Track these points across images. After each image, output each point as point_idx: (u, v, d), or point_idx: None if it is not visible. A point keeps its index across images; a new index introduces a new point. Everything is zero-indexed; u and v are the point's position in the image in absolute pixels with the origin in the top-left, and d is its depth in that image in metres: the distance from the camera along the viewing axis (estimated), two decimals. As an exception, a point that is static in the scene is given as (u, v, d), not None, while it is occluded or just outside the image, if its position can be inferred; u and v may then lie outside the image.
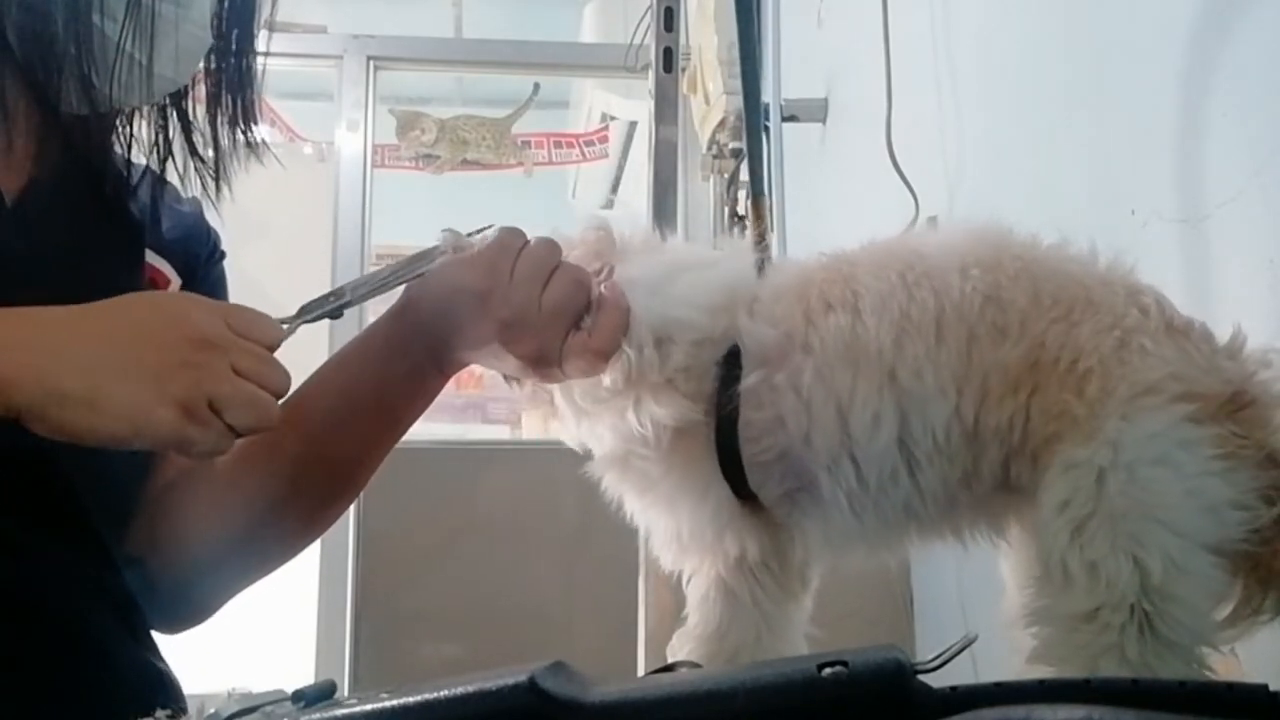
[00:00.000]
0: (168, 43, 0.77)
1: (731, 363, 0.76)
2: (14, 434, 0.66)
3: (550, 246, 0.78)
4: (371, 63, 2.85)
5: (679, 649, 0.82)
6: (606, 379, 0.77)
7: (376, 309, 0.88)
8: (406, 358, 0.82)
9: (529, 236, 0.79)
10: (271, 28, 0.88)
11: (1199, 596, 0.64)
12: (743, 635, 0.80)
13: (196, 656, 0.93)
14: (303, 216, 2.94)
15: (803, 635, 0.83)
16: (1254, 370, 0.68)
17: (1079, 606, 0.64)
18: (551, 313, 0.75)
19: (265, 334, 0.72)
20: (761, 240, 0.84)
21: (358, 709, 0.46)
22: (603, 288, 0.77)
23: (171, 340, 0.69)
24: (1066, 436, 0.67)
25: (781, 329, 0.75)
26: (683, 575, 0.84)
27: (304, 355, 0.81)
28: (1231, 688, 0.43)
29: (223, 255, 0.98)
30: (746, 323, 0.76)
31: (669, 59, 1.54)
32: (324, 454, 0.85)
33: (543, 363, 0.77)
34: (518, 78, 3.30)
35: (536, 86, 3.30)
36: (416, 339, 0.81)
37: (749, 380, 0.75)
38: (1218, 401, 0.66)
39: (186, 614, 0.90)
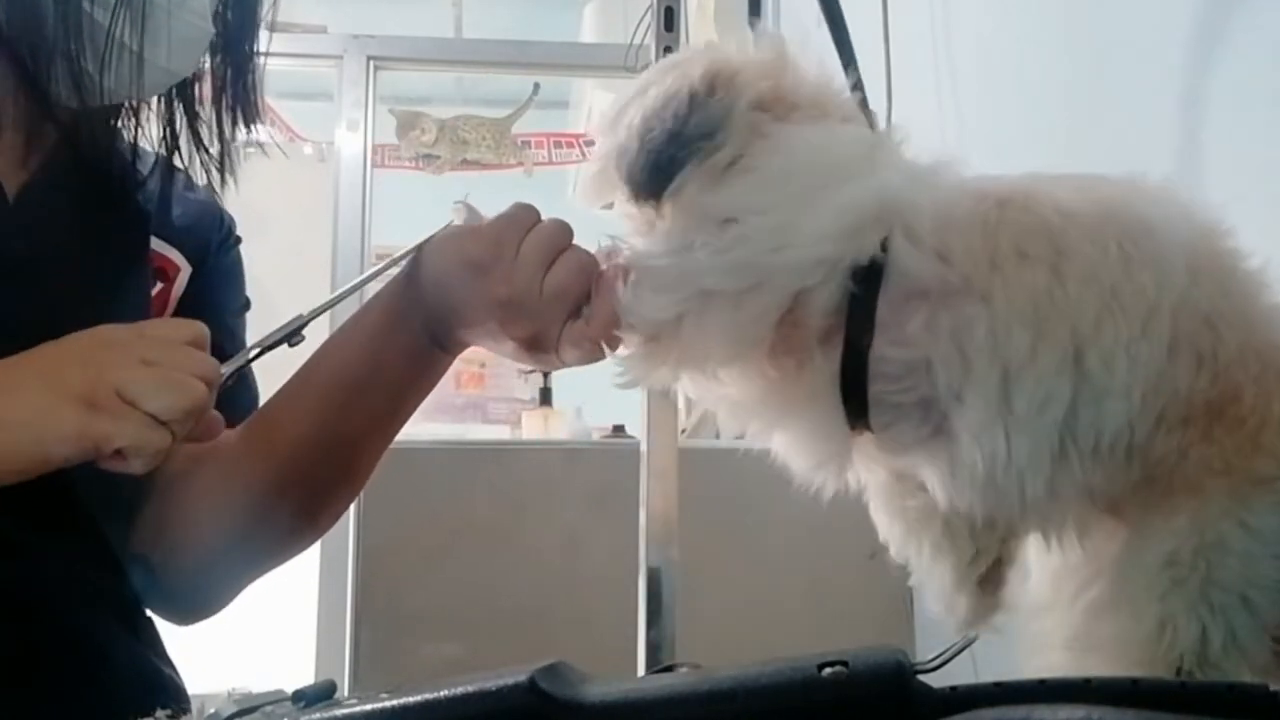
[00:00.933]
0: (162, 33, 0.76)
1: (870, 283, 0.66)
2: None
3: (561, 227, 0.74)
4: (371, 63, 2.84)
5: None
6: (617, 358, 0.72)
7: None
8: (405, 329, 0.79)
9: (542, 215, 0.76)
10: (273, 26, 0.87)
11: (1241, 670, 0.63)
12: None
13: (196, 656, 0.93)
14: (303, 216, 2.94)
15: None
16: None
17: (1139, 654, 0.64)
18: (551, 297, 0.72)
19: (182, 331, 0.71)
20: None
21: (358, 709, 0.46)
22: (605, 271, 0.73)
23: (69, 348, 0.68)
24: (1213, 499, 0.64)
25: (957, 269, 0.65)
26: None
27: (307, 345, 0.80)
28: (1231, 688, 0.43)
29: (237, 240, 0.97)
30: (904, 245, 0.65)
31: (669, 59, 1.54)
32: (325, 436, 0.83)
33: (538, 348, 0.74)
34: (518, 78, 3.30)
35: (536, 86, 3.30)
36: (415, 310, 0.79)
37: (905, 317, 0.65)
38: None
39: (196, 606, 0.89)
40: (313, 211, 2.86)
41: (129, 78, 0.76)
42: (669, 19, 1.52)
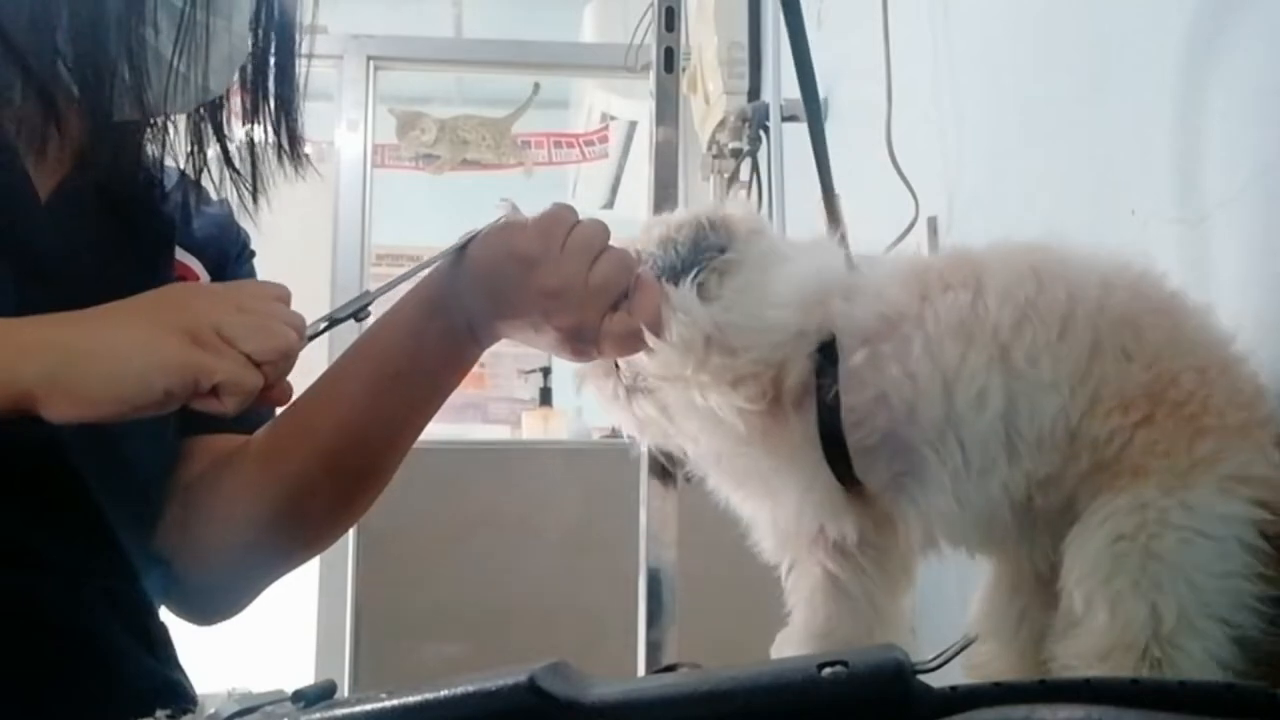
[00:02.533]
0: (213, 55, 0.79)
1: (828, 351, 0.75)
2: (28, 438, 0.66)
3: (601, 226, 0.79)
4: (371, 63, 2.85)
5: (781, 648, 0.82)
6: (651, 366, 0.77)
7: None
8: (444, 318, 0.82)
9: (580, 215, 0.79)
10: (312, 34, 0.88)
11: (1206, 656, 0.65)
12: (854, 629, 0.79)
13: (197, 656, 0.93)
14: (303, 216, 2.94)
15: (910, 630, 0.82)
16: None
17: (1097, 645, 0.66)
18: (597, 289, 0.76)
19: (270, 289, 0.73)
20: (842, 239, 0.86)
21: (358, 709, 0.46)
22: (642, 271, 0.78)
23: (166, 294, 0.71)
24: (1154, 476, 0.68)
25: (893, 309, 0.74)
26: (783, 571, 0.84)
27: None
28: (1231, 688, 0.43)
29: (252, 254, 0.98)
30: (844, 307, 0.75)
31: (669, 59, 1.54)
32: (364, 423, 0.85)
33: (579, 339, 0.77)
34: (518, 78, 3.30)
35: (536, 86, 3.30)
36: (456, 301, 0.81)
37: (854, 359, 0.74)
38: None
39: (221, 607, 0.91)
40: (313, 212, 2.86)
41: (179, 97, 0.79)
42: (669, 19, 1.52)
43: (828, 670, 0.43)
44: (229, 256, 0.95)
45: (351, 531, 1.85)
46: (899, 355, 0.72)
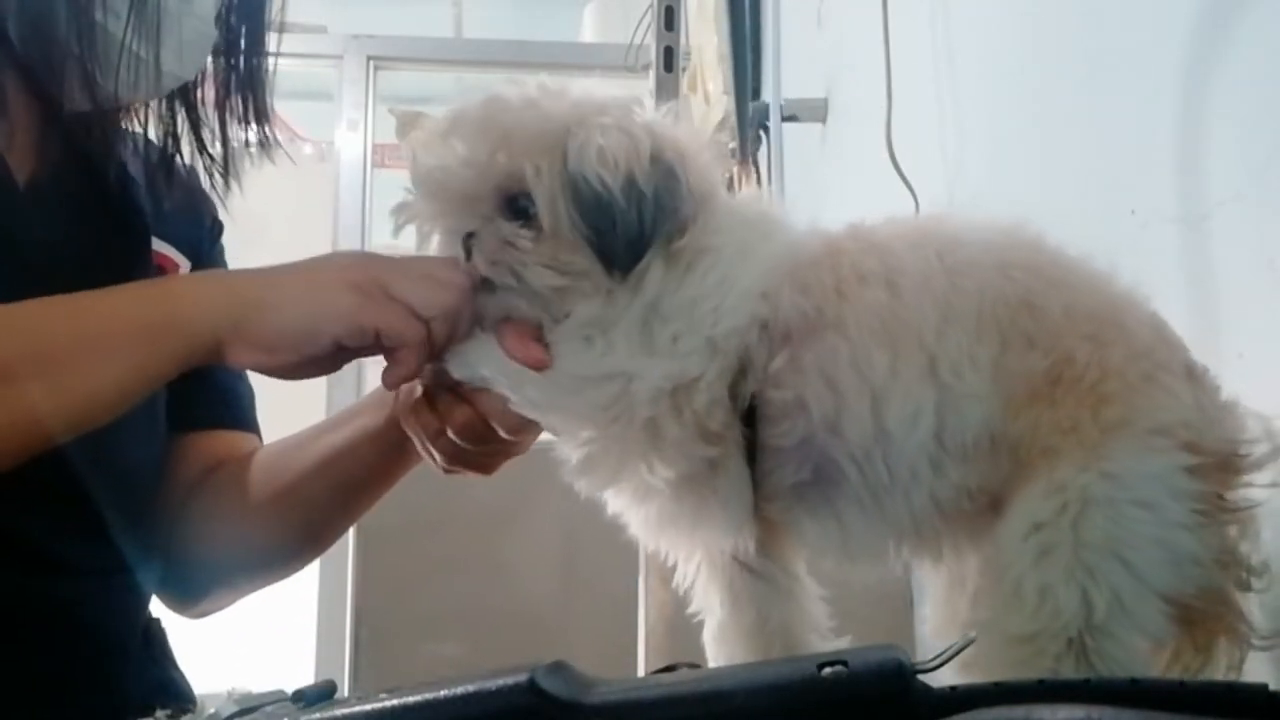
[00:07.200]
0: (171, 37, 0.77)
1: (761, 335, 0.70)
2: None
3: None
4: (371, 63, 2.85)
5: (716, 647, 0.79)
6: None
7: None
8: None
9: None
10: (281, 28, 0.88)
11: (1136, 639, 0.64)
12: (786, 616, 0.77)
13: (197, 656, 0.93)
14: (303, 216, 2.94)
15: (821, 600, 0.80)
16: (1243, 431, 0.68)
17: (1022, 628, 0.64)
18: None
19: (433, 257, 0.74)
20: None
21: (358, 709, 0.46)
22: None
23: (331, 258, 0.76)
24: (1065, 455, 0.65)
25: (811, 301, 0.69)
26: (680, 567, 0.82)
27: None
28: (1231, 688, 0.43)
29: (221, 228, 0.97)
30: (787, 293, 0.70)
31: (669, 59, 1.54)
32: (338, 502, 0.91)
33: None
34: (518, 78, 3.29)
35: (536, 86, 3.30)
36: None
37: (775, 362, 0.69)
38: (1215, 459, 0.66)
39: (209, 601, 0.92)
40: (313, 211, 2.86)
41: (139, 83, 0.77)
42: (669, 19, 1.53)
43: (828, 670, 0.43)
44: (202, 237, 0.94)
45: (351, 531, 1.85)
46: (821, 365, 0.68)
